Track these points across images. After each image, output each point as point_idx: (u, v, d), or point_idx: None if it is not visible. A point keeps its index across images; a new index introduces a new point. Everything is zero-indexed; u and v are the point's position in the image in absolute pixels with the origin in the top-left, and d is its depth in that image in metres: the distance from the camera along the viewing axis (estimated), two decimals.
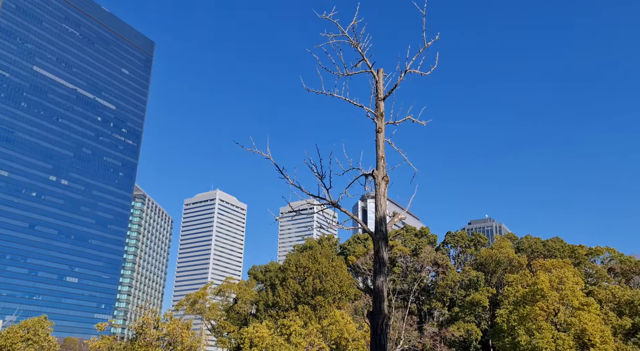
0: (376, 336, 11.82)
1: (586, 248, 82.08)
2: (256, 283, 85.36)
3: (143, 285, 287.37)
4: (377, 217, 12.96)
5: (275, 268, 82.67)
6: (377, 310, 12.10)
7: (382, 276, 12.38)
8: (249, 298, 77.57)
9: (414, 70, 13.63)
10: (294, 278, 75.78)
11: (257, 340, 42.63)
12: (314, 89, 14.03)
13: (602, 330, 40.80)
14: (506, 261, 76.40)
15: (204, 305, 76.31)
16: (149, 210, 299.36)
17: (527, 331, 42.93)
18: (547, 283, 44.23)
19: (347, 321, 47.60)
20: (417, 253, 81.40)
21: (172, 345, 41.54)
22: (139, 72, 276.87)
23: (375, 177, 13.21)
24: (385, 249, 12.64)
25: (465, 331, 70.60)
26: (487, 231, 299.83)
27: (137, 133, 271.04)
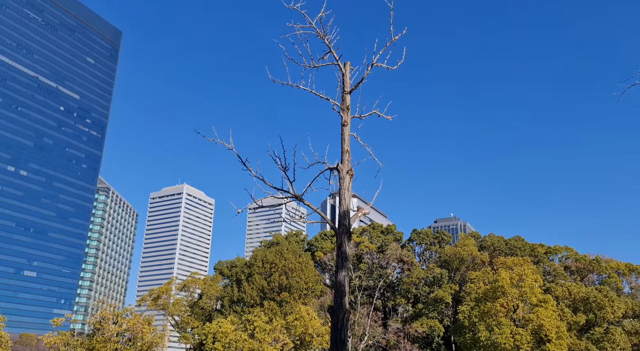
0: (337, 331, 11.72)
1: (545, 247, 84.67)
2: (222, 278, 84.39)
3: (105, 279, 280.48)
4: (341, 211, 12.85)
5: (242, 263, 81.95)
6: (338, 305, 12.00)
7: (344, 270, 12.29)
8: (214, 294, 76.65)
9: (380, 64, 13.56)
10: (260, 274, 75.30)
11: (220, 335, 42.09)
12: (280, 80, 13.81)
13: (558, 326, 42.18)
14: (469, 259, 77.96)
15: (167, 301, 74.95)
16: (113, 203, 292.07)
17: (488, 327, 43.92)
18: (508, 280, 45.36)
19: (312, 317, 47.57)
20: (383, 250, 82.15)
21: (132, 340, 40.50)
22: (105, 62, 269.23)
23: (340, 171, 13.08)
24: (348, 243, 12.54)
25: (428, 327, 71.76)
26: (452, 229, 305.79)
27: (102, 124, 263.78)
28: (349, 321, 11.89)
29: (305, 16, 13.14)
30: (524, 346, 42.28)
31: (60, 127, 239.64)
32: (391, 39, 13.24)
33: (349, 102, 13.62)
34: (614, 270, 79.72)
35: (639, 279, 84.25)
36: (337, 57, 13.69)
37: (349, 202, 12.86)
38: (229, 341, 41.06)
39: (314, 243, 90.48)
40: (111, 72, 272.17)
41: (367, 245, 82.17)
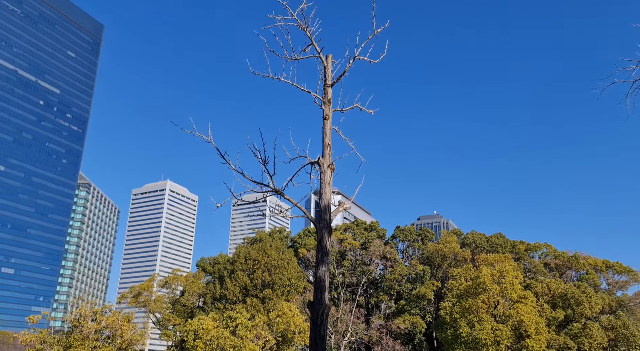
0: (316, 327, 11.58)
1: (526, 244, 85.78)
2: (204, 275, 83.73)
3: (86, 276, 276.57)
4: (322, 205, 12.70)
5: (224, 260, 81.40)
6: (318, 300, 11.86)
7: (324, 265, 12.15)
8: (196, 291, 76.02)
9: (362, 58, 13.42)
10: (242, 271, 74.86)
11: (201, 332, 41.69)
12: (261, 72, 13.58)
13: (537, 321, 42.73)
14: (451, 255, 78.61)
15: (148, 298, 74.07)
16: (94, 200, 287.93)
17: (469, 323, 44.30)
18: (489, 277, 45.80)
19: (294, 314, 47.45)
20: (367, 247, 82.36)
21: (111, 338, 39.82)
22: (86, 56, 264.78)
23: (321, 165, 12.92)
24: (329, 238, 12.41)
25: (411, 323, 72.16)
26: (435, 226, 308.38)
27: (83, 119, 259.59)
28: (328, 317, 11.77)
29: (286, 7, 12.94)
30: (504, 342, 42.75)
31: (40, 122, 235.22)
32: (373, 32, 13.12)
33: (330, 95, 13.46)
34: (592, 267, 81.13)
35: (615, 275, 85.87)
36: (319, 50, 13.51)
37: (329, 197, 12.71)
38: (211, 338, 40.69)
39: (297, 240, 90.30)
40: (92, 66, 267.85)
41: (351, 242, 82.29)
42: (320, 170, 12.91)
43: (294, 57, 13.48)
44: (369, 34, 13.11)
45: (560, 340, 45.86)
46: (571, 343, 45.43)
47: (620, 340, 47.30)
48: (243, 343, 40.41)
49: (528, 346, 42.00)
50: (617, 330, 47.75)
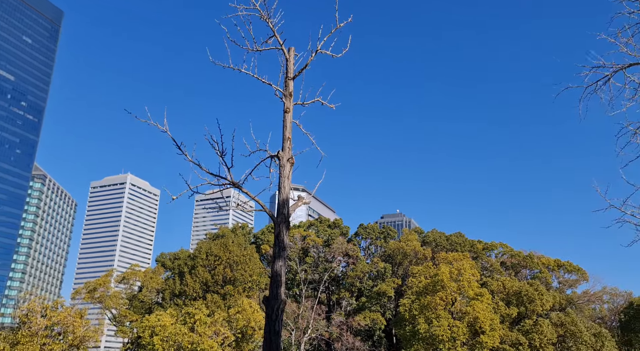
0: (271, 322, 11.43)
1: (483, 243, 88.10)
2: (164, 271, 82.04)
3: (39, 271, 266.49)
4: (280, 199, 12.55)
5: (185, 256, 80.00)
6: (273, 295, 11.71)
7: (281, 260, 12.00)
8: (155, 287, 74.42)
9: (325, 51, 13.33)
10: (203, 267, 73.77)
11: (158, 329, 40.79)
12: (221, 63, 13.30)
13: (491, 318, 44.04)
14: (412, 253, 79.88)
15: (104, 293, 71.95)
16: (49, 192, 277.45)
17: (427, 320, 45.17)
18: (447, 274, 46.79)
19: (254, 310, 47.10)
20: (330, 244, 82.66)
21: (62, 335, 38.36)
22: (44, 42, 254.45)
23: (280, 159, 12.77)
24: (286, 233, 12.27)
25: (371, 320, 72.95)
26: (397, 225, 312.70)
27: (39, 108, 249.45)
28: (290, 314, 11.67)
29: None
30: (460, 338, 43.80)
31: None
32: (336, 26, 13.04)
33: (291, 89, 13.31)
34: (545, 266, 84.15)
35: (566, 274, 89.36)
36: (281, 42, 13.33)
37: (288, 191, 12.58)
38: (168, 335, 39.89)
39: (260, 236, 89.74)
40: (50, 53, 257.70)
41: (314, 239, 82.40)
42: (279, 163, 12.76)
43: (256, 48, 13.26)
44: (332, 27, 13.02)
45: (513, 336, 47.46)
46: (523, 339, 47.10)
47: (568, 336, 49.34)
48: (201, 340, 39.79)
49: (482, 342, 43.24)
50: (565, 327, 49.77)
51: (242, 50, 13.23)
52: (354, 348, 72.18)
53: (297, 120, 13.58)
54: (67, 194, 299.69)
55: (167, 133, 11.92)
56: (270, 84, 13.27)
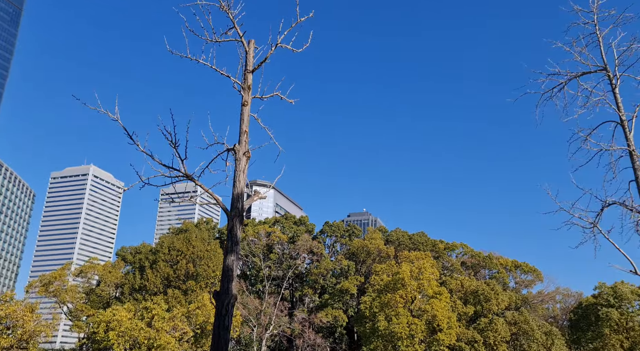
0: (220, 317, 11.31)
1: (445, 243, 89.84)
2: (124, 265, 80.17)
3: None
4: (234, 193, 12.41)
5: (147, 250, 78.36)
6: (224, 290, 11.58)
7: (233, 255, 11.88)
8: (114, 281, 72.65)
9: (285, 46, 13.26)
10: (165, 261, 72.46)
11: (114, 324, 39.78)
12: (179, 52, 13.04)
13: (449, 316, 44.99)
14: (376, 252, 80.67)
15: (60, 287, 69.72)
16: (6, 182, 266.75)
17: (387, 317, 45.74)
18: (408, 273, 47.51)
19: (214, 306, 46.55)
20: (295, 241, 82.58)
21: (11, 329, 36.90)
22: (5, 26, 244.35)
23: (236, 152, 12.63)
24: (240, 227, 12.15)
25: (333, 317, 73.28)
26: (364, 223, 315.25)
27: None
28: (234, 307, 11.53)
29: None
30: (418, 336, 44.56)
31: None
32: (297, 20, 12.99)
33: (250, 82, 13.19)
34: (503, 266, 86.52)
35: (522, 275, 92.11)
36: (241, 34, 13.19)
37: (243, 185, 12.45)
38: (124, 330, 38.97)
39: (224, 232, 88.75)
40: (11, 38, 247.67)
41: (279, 235, 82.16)
42: (235, 157, 12.62)
43: (215, 39, 13.07)
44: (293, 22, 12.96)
45: (469, 333, 48.67)
46: (478, 337, 48.38)
47: (521, 334, 51.01)
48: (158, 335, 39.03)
49: (440, 340, 44.15)
50: (519, 325, 51.41)
51: (201, 41, 13.03)
52: (315, 345, 72.43)
53: (255, 114, 13.48)
54: (25, 184, 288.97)
55: (118, 122, 11.62)
56: (229, 76, 13.12)
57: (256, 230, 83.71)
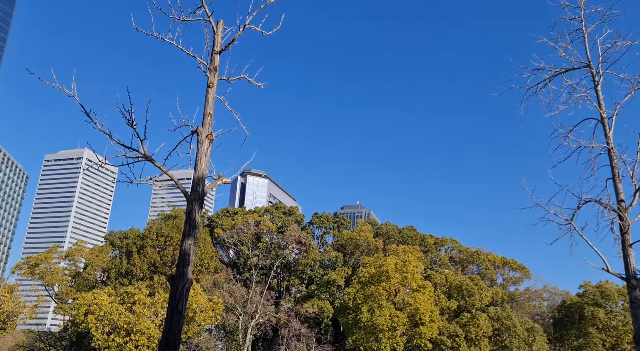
0: (174, 301, 11.10)
1: (434, 238, 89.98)
2: (112, 249, 79.92)
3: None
4: (195, 176, 12.16)
5: (135, 235, 78.06)
6: (180, 274, 11.38)
7: (190, 239, 11.66)
8: (100, 265, 72.41)
9: (254, 27, 12.95)
10: (153, 247, 72.22)
11: (93, 307, 39.61)
12: (145, 30, 12.70)
13: (431, 310, 45.10)
14: (364, 244, 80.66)
15: (46, 269, 69.43)
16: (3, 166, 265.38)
17: (369, 309, 45.79)
18: (393, 265, 47.51)
19: (197, 293, 46.46)
20: (283, 231, 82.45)
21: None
22: (1, 6, 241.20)
23: (199, 134, 12.37)
24: (199, 211, 11.92)
25: (319, 308, 73.34)
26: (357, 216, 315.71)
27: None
28: (189, 292, 11.33)
29: None
30: (400, 328, 44.67)
31: None
32: (266, 2, 12.67)
33: (217, 63, 12.89)
34: (491, 263, 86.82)
35: (510, 272, 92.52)
36: (209, 13, 12.87)
37: (205, 168, 12.20)
38: (103, 314, 38.79)
39: (214, 220, 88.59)
40: (7, 17, 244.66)
41: (268, 225, 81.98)
42: (197, 139, 12.35)
43: (182, 18, 12.76)
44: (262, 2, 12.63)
45: (451, 328, 48.85)
46: (460, 331, 48.56)
47: (503, 329, 51.27)
48: (138, 320, 38.91)
49: (421, 333, 44.28)
50: (501, 321, 51.66)
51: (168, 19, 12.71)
52: (300, 335, 72.60)
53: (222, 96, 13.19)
54: (17, 165, 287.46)
55: (75, 99, 11.31)
56: (195, 56, 12.81)
57: (245, 218, 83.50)
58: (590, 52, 19.55)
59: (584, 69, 19.74)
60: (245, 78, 13.11)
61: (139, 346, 38.60)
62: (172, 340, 10.74)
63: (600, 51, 19.37)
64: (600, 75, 19.32)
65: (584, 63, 19.62)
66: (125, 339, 38.14)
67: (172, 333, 10.78)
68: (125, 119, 11.22)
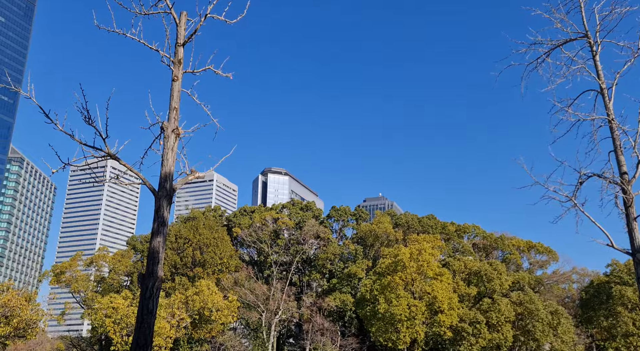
0: (144, 300, 10.87)
1: (456, 225, 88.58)
2: (134, 253, 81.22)
3: (18, 255, 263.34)
4: (162, 172, 11.88)
5: None
6: (149, 273, 11.14)
7: (159, 236, 11.41)
8: (123, 270, 73.63)
9: (216, 16, 12.59)
10: (172, 250, 73.06)
11: (110, 311, 40.18)
12: (106, 26, 12.47)
13: (450, 297, 44.29)
14: (384, 236, 79.95)
15: (72, 276, 70.96)
16: (27, 175, 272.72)
17: (387, 300, 45.24)
18: (408, 255, 46.80)
19: (212, 292, 46.70)
20: (301, 226, 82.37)
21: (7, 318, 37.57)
22: (18, 21, 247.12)
23: (165, 129, 12.09)
24: (167, 208, 11.65)
25: (341, 301, 73.09)
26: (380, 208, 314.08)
27: None
28: (159, 291, 11.09)
29: None
30: (419, 317, 44.00)
31: None
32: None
33: (181, 55, 12.57)
34: (516, 247, 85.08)
35: (537, 255, 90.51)
36: (171, 5, 12.55)
37: (172, 164, 11.91)
38: (121, 317, 39.31)
39: (232, 219, 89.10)
40: (25, 32, 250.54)
41: (285, 221, 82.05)
42: (164, 134, 12.08)
43: (144, 12, 12.47)
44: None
45: (472, 314, 47.94)
46: (480, 317, 47.64)
47: (526, 314, 50.04)
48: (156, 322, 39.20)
49: (440, 321, 43.55)
50: (524, 305, 50.45)
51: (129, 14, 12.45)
52: (324, 329, 72.49)
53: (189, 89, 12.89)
54: (45, 177, 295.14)
55: (32, 100, 11.15)
56: (158, 50, 12.52)
57: (263, 216, 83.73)
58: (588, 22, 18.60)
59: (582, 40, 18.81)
60: (210, 69, 12.76)
61: (155, 347, 39.02)
62: (143, 340, 10.52)
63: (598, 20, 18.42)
64: (599, 45, 18.40)
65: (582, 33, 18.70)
66: None
67: (142, 333, 10.56)
68: (83, 118, 10.99)
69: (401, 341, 44.03)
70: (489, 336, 45.89)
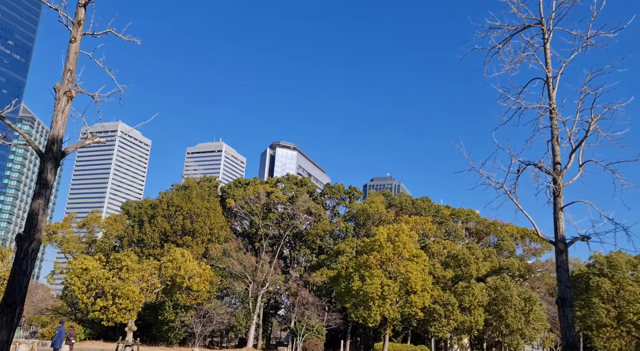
0: (18, 261, 10.87)
1: (451, 209, 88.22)
2: (127, 218, 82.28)
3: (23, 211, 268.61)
4: (50, 135, 11.73)
5: (147, 204, 79.96)
6: (26, 234, 11.10)
7: (40, 198, 11.32)
8: (115, 233, 74.71)
9: None
10: (163, 216, 73.81)
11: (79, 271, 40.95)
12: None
13: (424, 279, 44.49)
14: (376, 215, 79.87)
15: (64, 237, 72.22)
16: (37, 135, 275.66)
17: (361, 278, 45.56)
18: (385, 235, 46.83)
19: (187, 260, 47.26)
20: (294, 201, 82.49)
21: None
22: None
23: (57, 91, 11.88)
24: (52, 171, 11.52)
25: (328, 277, 73.70)
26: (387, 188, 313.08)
27: (27, 48, 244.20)
28: (36, 253, 11.06)
29: None
30: (390, 297, 44.30)
31: None
32: None
33: (81, 16, 12.27)
34: (509, 234, 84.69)
35: (531, 243, 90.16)
36: None
37: (61, 126, 11.73)
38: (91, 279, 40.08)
39: (227, 190, 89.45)
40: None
41: (278, 195, 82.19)
42: (55, 96, 11.87)
43: None
44: None
45: (445, 296, 48.21)
46: (453, 300, 47.86)
47: (500, 299, 50.20)
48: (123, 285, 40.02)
49: (412, 302, 43.89)
50: (499, 290, 50.56)
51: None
52: (309, 304, 73.38)
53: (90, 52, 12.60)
54: None
55: None
56: (57, 9, 12.22)
57: (257, 189, 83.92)
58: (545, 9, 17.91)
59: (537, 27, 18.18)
60: (111, 32, 12.43)
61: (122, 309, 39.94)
62: (12, 299, 10.54)
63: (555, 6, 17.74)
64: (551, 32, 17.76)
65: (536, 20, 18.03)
66: (109, 302, 39.58)
67: (12, 293, 10.58)
68: None
69: (372, 319, 44.53)
70: (460, 318, 46.32)
